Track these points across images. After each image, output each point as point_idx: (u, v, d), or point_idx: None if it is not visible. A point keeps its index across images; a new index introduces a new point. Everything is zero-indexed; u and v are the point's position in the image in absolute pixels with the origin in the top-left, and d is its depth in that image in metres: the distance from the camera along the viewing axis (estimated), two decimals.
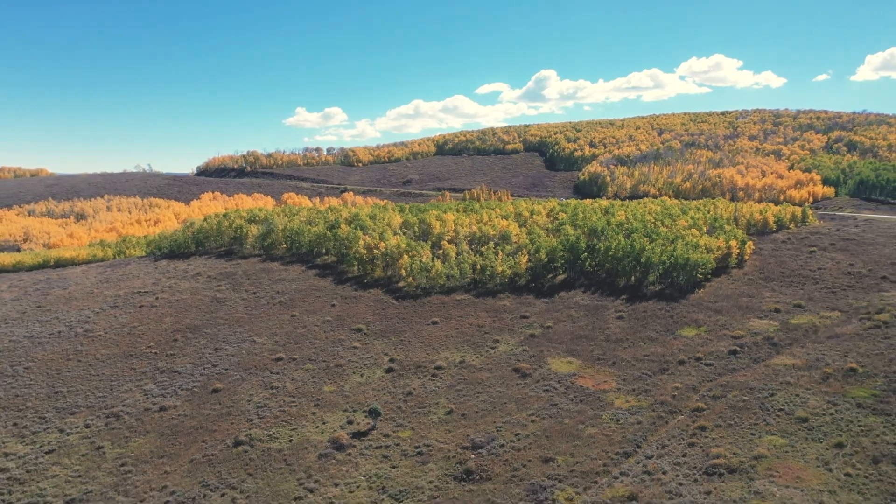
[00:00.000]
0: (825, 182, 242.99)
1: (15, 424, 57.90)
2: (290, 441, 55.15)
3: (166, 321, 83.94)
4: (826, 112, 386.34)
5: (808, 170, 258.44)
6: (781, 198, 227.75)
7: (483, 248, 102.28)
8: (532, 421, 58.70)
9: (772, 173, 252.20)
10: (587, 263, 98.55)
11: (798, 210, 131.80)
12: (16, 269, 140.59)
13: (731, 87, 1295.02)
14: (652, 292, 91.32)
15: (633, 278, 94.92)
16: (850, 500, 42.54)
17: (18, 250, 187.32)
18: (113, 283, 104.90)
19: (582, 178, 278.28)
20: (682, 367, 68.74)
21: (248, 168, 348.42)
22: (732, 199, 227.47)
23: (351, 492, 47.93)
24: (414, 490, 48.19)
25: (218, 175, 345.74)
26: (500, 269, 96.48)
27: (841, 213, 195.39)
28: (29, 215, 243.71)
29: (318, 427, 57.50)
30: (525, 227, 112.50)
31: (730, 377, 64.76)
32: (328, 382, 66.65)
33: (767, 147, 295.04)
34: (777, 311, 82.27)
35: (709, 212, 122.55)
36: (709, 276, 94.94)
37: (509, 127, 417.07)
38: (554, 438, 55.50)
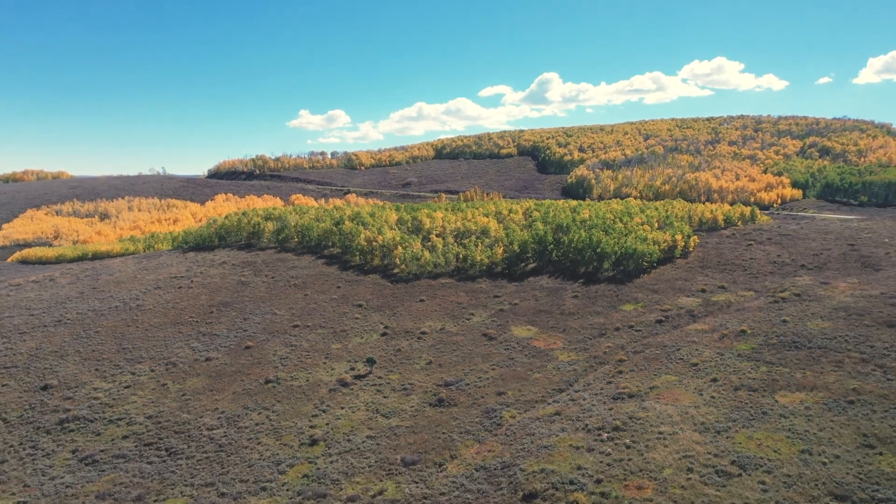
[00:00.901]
0: (795, 185, 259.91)
1: (97, 370, 74.99)
2: (307, 381, 72.16)
3: (202, 298, 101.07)
4: (806, 118, 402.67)
5: (779, 173, 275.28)
6: (752, 199, 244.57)
7: (466, 241, 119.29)
8: (492, 369, 75.58)
9: (745, 177, 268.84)
10: (553, 254, 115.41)
11: (747, 210, 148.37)
12: (58, 260, 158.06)
13: (733, 90, 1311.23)
14: (605, 277, 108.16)
15: (591, 266, 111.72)
16: (707, 411, 59.27)
17: (50, 246, 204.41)
18: (151, 270, 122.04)
19: (570, 180, 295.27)
20: (616, 332, 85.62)
21: (257, 171, 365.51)
22: (707, 201, 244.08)
23: (353, 412, 64.89)
24: (399, 411, 65.14)
25: (228, 178, 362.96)
26: (479, 258, 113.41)
27: (802, 214, 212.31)
28: (56, 215, 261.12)
29: (328, 372, 74.50)
30: (503, 223, 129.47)
31: (651, 339, 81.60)
32: (335, 342, 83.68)
33: (744, 152, 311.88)
34: (703, 291, 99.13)
35: (666, 211, 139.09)
36: (655, 264, 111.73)
37: (504, 132, 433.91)
38: (507, 380, 72.36)
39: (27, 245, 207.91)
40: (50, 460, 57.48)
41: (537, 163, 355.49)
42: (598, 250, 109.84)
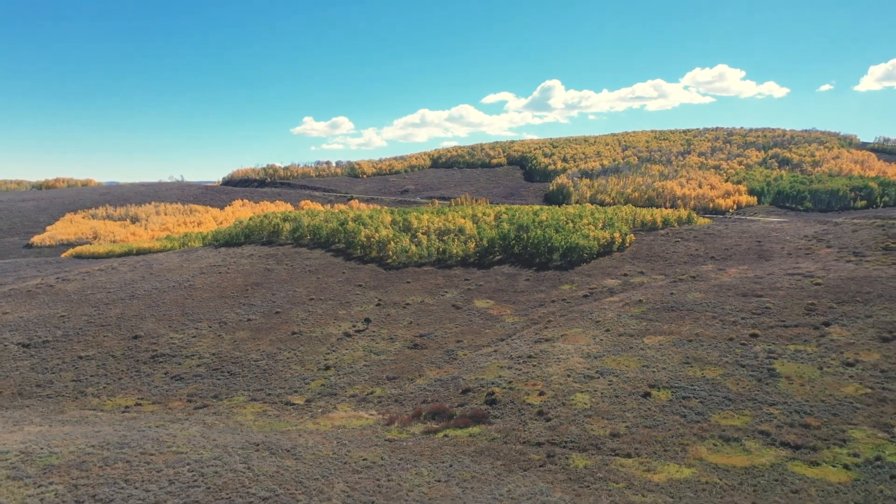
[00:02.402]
0: (751, 192, 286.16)
1: (169, 326, 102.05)
2: (321, 333, 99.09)
3: (238, 280, 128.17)
4: (773, 130, 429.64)
5: (739, 182, 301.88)
6: (711, 205, 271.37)
7: (445, 238, 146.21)
8: (456, 327, 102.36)
9: (707, 185, 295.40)
10: (515, 248, 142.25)
11: (684, 213, 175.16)
12: (108, 255, 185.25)
13: (734, 97, 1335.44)
14: (553, 265, 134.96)
15: (543, 257, 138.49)
16: (593, 347, 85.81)
17: (90, 244, 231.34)
18: (192, 261, 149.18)
19: (551, 188, 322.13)
20: (552, 304, 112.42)
21: (268, 179, 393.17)
22: (672, 206, 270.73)
23: (354, 352, 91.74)
24: (386, 351, 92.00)
25: (242, 185, 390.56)
26: (455, 251, 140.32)
27: (749, 217, 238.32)
28: (92, 218, 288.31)
29: (336, 328, 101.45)
30: (477, 223, 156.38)
31: (575, 307, 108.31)
32: (341, 310, 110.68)
33: (711, 162, 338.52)
34: (625, 275, 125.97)
35: (614, 214, 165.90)
36: (594, 256, 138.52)
37: (496, 143, 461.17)
38: (465, 334, 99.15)
39: (70, 244, 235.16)
40: (150, 378, 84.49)
41: (525, 172, 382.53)
42: (549, 245, 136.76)
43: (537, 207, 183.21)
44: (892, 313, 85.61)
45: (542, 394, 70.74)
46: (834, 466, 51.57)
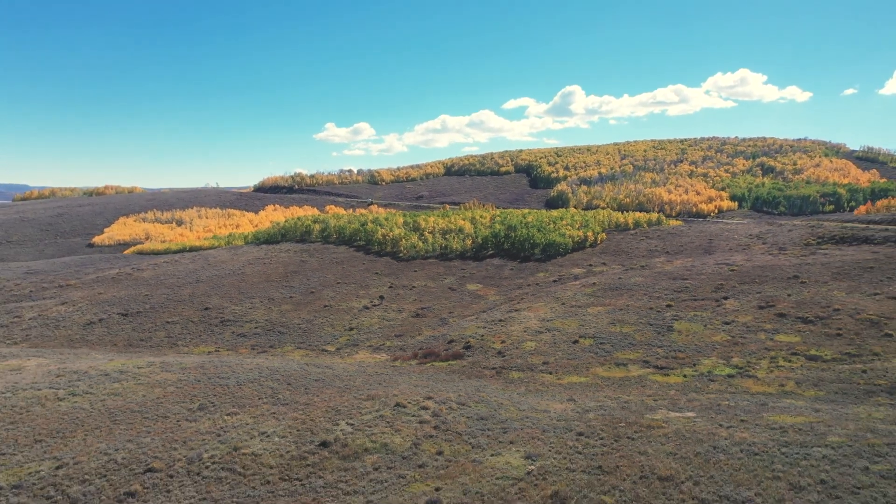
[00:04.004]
0: (733, 198, 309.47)
1: (230, 301, 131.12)
2: (347, 306, 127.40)
3: (279, 269, 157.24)
4: (765, 139, 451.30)
5: (722, 188, 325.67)
6: (695, 210, 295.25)
7: (448, 236, 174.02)
8: (450, 303, 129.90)
9: (692, 191, 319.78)
10: (505, 244, 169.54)
11: (654, 216, 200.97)
12: (166, 252, 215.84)
13: (757, 102, 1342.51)
14: (534, 258, 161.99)
15: (527, 252, 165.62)
16: (548, 314, 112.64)
17: (142, 244, 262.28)
18: (239, 255, 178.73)
19: (552, 194, 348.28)
20: (527, 287, 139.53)
21: (296, 186, 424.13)
22: (660, 211, 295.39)
23: (371, 319, 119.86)
24: (395, 319, 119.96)
25: (272, 191, 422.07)
26: (455, 247, 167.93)
27: (724, 220, 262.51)
28: (143, 221, 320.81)
29: (357, 303, 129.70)
30: (474, 224, 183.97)
31: (545, 289, 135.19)
32: (361, 290, 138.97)
33: (700, 170, 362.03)
34: (591, 265, 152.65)
35: (593, 218, 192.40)
36: (569, 251, 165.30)
37: (505, 152, 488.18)
38: (456, 308, 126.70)
39: (126, 244, 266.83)
40: (222, 335, 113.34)
41: (530, 179, 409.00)
42: (532, 241, 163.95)
43: (526, 211, 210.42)
44: (775, 290, 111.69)
45: (503, 342, 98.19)
46: (678, 377, 78.34)
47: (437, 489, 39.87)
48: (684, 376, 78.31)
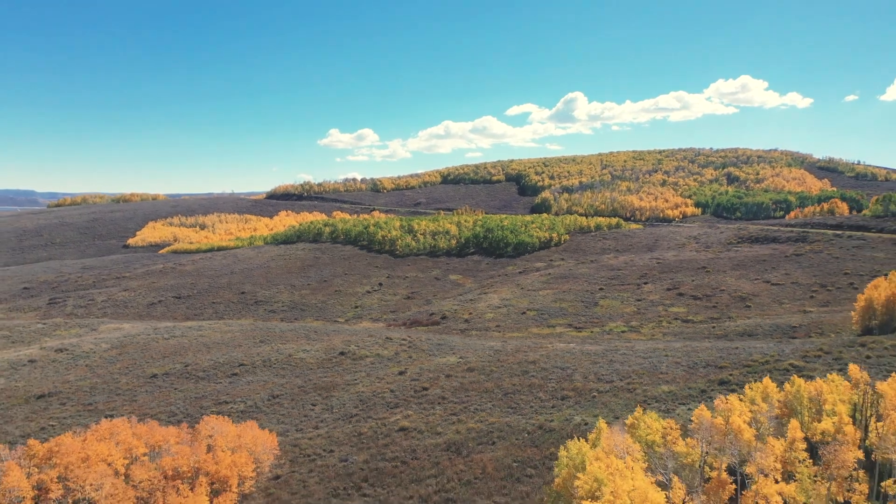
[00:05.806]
0: (697, 205, 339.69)
1: (260, 287, 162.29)
2: (352, 291, 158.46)
3: (297, 263, 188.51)
4: (735, 150, 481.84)
5: (688, 196, 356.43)
6: (662, 215, 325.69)
7: (436, 236, 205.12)
8: (434, 289, 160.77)
9: (661, 199, 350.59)
10: (484, 244, 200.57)
11: (614, 220, 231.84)
12: (197, 251, 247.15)
13: (759, 108, 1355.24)
14: (507, 255, 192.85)
15: (501, 250, 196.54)
16: (509, 296, 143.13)
17: (169, 245, 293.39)
18: (262, 253, 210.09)
19: (537, 201, 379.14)
20: (498, 277, 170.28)
21: (305, 193, 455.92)
22: (631, 217, 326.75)
23: (371, 300, 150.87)
24: (391, 300, 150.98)
25: (284, 198, 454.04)
26: (442, 246, 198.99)
27: (685, 224, 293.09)
28: (169, 225, 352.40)
29: (361, 289, 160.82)
30: (459, 227, 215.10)
31: (510, 279, 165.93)
32: (364, 279, 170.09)
33: (671, 179, 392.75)
34: (551, 260, 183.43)
35: (560, 222, 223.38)
36: (536, 249, 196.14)
37: (497, 162, 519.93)
38: (439, 292, 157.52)
39: (158, 246, 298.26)
40: (256, 311, 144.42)
41: (519, 187, 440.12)
42: (506, 241, 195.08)
43: (504, 216, 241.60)
44: (684, 277, 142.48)
45: (470, 314, 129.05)
46: (587, 332, 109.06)
47: (405, 369, 70.80)
48: (591, 332, 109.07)
